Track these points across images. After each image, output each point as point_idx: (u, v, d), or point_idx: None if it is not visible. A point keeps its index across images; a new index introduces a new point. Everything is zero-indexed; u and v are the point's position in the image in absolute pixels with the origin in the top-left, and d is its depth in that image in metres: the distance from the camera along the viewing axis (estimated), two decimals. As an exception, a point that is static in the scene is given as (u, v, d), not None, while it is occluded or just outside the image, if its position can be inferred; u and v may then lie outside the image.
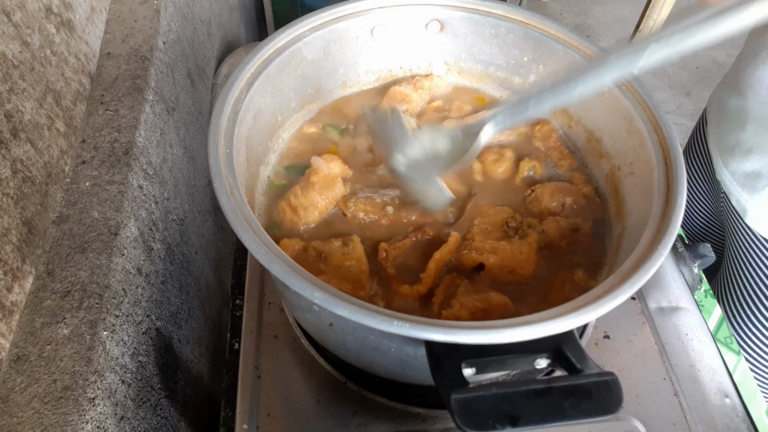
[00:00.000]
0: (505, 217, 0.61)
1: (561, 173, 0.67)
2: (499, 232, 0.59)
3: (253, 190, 0.60)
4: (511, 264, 0.56)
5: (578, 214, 0.61)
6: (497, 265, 0.56)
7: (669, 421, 0.58)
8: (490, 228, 0.60)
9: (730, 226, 0.88)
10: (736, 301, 0.89)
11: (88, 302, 0.50)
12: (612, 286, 0.43)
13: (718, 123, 0.87)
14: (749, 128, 0.78)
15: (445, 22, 0.70)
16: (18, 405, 0.44)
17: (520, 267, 0.56)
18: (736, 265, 0.88)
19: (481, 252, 0.57)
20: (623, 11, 2.83)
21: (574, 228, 0.60)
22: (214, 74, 1.04)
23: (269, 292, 0.67)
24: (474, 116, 0.69)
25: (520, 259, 0.56)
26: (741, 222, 0.83)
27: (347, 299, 0.40)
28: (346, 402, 0.58)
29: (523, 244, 0.57)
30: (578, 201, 0.62)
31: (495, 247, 0.57)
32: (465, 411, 0.37)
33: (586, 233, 0.60)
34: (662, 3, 1.55)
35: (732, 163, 0.82)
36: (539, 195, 0.63)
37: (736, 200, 0.82)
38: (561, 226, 0.60)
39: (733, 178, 0.82)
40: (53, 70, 0.57)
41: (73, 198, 0.57)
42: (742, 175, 0.81)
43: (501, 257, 0.56)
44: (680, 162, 0.52)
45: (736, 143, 0.81)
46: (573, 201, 0.62)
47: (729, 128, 0.83)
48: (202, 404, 0.74)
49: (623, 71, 0.45)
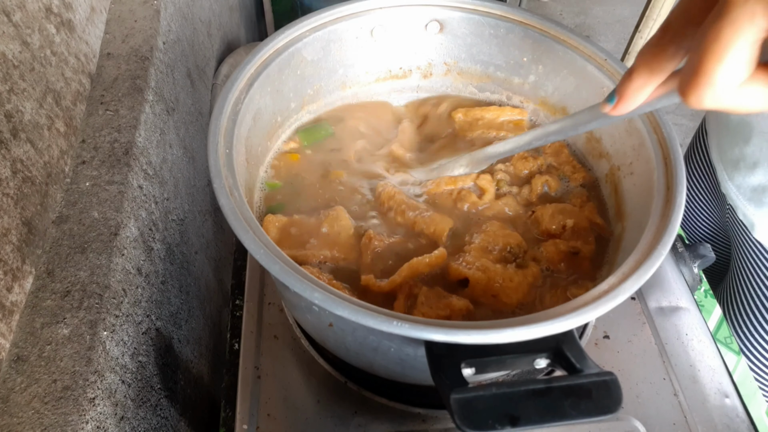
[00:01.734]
0: (511, 242, 0.58)
1: (574, 187, 0.66)
2: (498, 255, 0.57)
3: (252, 190, 0.60)
4: (495, 288, 0.54)
5: (579, 237, 0.59)
6: (481, 285, 0.54)
7: (669, 421, 0.58)
8: (491, 248, 0.57)
9: (737, 239, 0.87)
10: (742, 311, 0.88)
11: (88, 302, 0.50)
12: (612, 286, 0.43)
13: (719, 136, 0.86)
14: (754, 142, 0.76)
15: (445, 23, 0.70)
16: (18, 405, 0.44)
17: (504, 294, 0.54)
18: (742, 276, 0.87)
19: (469, 266, 0.55)
20: (623, 11, 2.82)
21: (574, 251, 0.58)
22: (214, 74, 1.04)
23: (269, 292, 0.67)
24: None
25: (507, 287, 0.54)
26: (749, 235, 0.82)
27: (347, 299, 0.40)
28: (346, 402, 0.58)
29: (518, 274, 0.55)
30: (580, 223, 0.60)
31: (486, 266, 0.55)
32: (465, 411, 0.37)
33: (586, 257, 0.58)
34: (662, 3, 1.56)
35: (737, 177, 0.81)
36: (539, 217, 0.61)
37: (743, 214, 0.81)
38: (560, 250, 0.58)
39: (738, 192, 0.81)
40: (53, 70, 0.57)
41: (73, 198, 0.57)
42: (748, 189, 0.79)
43: (488, 278, 0.54)
44: (680, 162, 0.52)
45: (741, 157, 0.79)
46: (575, 223, 0.60)
47: (732, 142, 0.81)
48: (202, 404, 0.74)
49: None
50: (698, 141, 0.95)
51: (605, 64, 0.62)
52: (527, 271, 0.55)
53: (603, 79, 0.62)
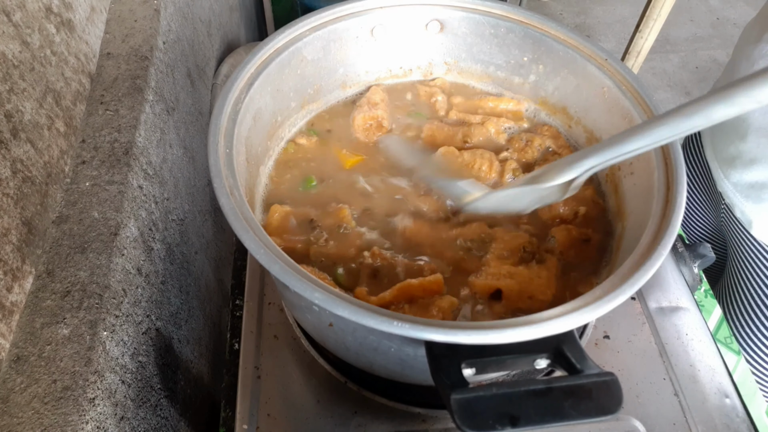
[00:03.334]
0: (522, 242, 0.58)
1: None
2: (515, 258, 0.57)
3: (253, 190, 0.60)
4: (530, 289, 0.53)
5: (590, 225, 0.59)
6: (515, 290, 0.53)
7: (669, 421, 0.58)
8: (506, 254, 0.57)
9: (733, 237, 0.87)
10: (741, 309, 0.89)
11: (88, 302, 0.50)
12: (612, 286, 0.43)
13: (713, 135, 0.86)
14: (751, 139, 0.77)
15: (445, 22, 0.70)
16: (18, 405, 0.44)
17: (539, 292, 0.53)
18: (739, 274, 0.87)
19: (497, 277, 0.54)
20: (623, 11, 2.83)
21: (585, 239, 0.58)
22: (214, 74, 1.04)
23: (269, 292, 0.67)
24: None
25: (539, 284, 0.54)
26: (746, 233, 0.82)
27: (347, 299, 0.40)
28: (346, 402, 0.58)
29: (542, 269, 0.55)
30: (592, 211, 0.60)
31: (512, 272, 0.54)
32: (465, 411, 0.37)
33: (595, 245, 0.58)
34: (662, 3, 1.55)
35: (734, 175, 0.81)
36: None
37: (741, 212, 0.81)
38: (572, 236, 0.58)
39: (735, 189, 0.81)
40: (53, 70, 0.57)
41: (73, 198, 0.57)
42: (745, 186, 0.79)
43: (518, 282, 0.53)
44: (680, 162, 0.52)
45: (737, 154, 0.79)
46: (587, 210, 0.60)
47: (727, 140, 0.81)
48: (202, 404, 0.74)
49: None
50: (691, 142, 0.95)
51: (605, 64, 0.62)
52: (548, 264, 0.56)
53: (603, 79, 0.62)
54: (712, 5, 2.90)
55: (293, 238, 0.58)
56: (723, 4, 2.91)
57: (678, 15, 2.70)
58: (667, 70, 2.53)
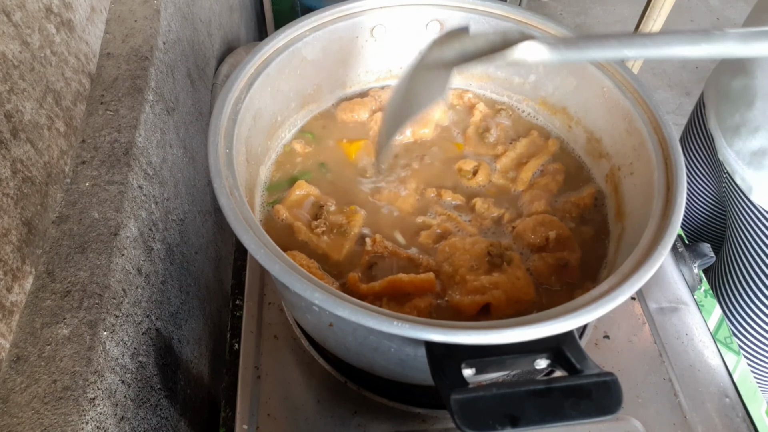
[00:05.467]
0: (484, 246, 0.56)
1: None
2: (485, 265, 0.55)
3: (253, 190, 0.60)
4: (515, 294, 0.52)
5: (565, 247, 0.58)
6: (503, 300, 0.52)
7: (669, 421, 0.58)
8: (474, 264, 0.54)
9: (733, 205, 0.88)
10: (735, 284, 0.90)
11: (88, 302, 0.50)
12: (612, 286, 0.43)
13: (718, 105, 0.88)
14: (758, 106, 0.79)
15: (445, 22, 0.70)
16: (18, 405, 0.44)
17: (523, 293, 0.53)
18: (738, 242, 0.89)
19: (482, 291, 0.52)
20: (623, 11, 2.82)
21: (563, 264, 0.56)
22: (214, 74, 1.04)
23: (269, 292, 0.67)
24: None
25: (520, 286, 0.53)
26: (745, 199, 0.84)
27: (347, 299, 0.40)
28: (346, 402, 0.58)
29: (515, 269, 0.54)
30: (562, 233, 0.58)
31: (494, 281, 0.53)
32: (465, 411, 0.37)
33: (574, 266, 0.57)
34: (662, 3, 1.56)
35: (737, 142, 0.83)
36: (521, 232, 0.59)
37: (741, 178, 0.84)
38: (549, 264, 0.56)
39: (738, 156, 0.83)
40: (53, 70, 0.57)
41: (73, 198, 0.57)
42: (748, 153, 0.82)
43: (504, 290, 0.52)
44: (680, 162, 0.52)
45: (742, 122, 0.81)
46: (557, 234, 0.58)
47: (732, 108, 0.84)
48: (202, 404, 0.74)
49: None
50: (695, 116, 0.98)
51: (605, 63, 0.62)
52: (515, 261, 0.55)
53: (603, 78, 0.62)
54: (712, 5, 2.90)
55: (300, 214, 0.60)
56: (723, 4, 2.91)
57: (678, 15, 2.69)
58: (667, 70, 2.53)
